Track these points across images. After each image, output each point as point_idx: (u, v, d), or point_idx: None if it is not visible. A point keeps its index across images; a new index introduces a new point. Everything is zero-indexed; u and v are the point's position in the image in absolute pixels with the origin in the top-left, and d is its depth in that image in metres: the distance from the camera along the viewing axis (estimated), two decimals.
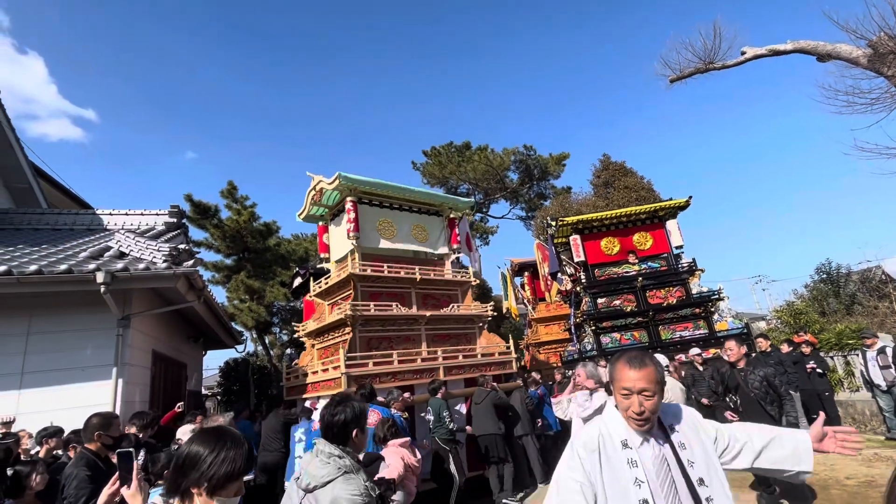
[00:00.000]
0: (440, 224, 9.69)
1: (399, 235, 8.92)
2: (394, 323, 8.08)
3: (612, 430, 1.72)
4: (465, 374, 8.07)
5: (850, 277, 19.65)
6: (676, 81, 7.23)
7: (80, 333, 5.96)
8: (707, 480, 1.60)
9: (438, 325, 8.68)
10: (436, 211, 9.69)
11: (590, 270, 11.03)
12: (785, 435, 1.71)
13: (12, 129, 8.96)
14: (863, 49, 5.47)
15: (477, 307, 9.19)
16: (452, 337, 8.84)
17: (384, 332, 7.97)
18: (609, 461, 1.64)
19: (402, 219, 9.11)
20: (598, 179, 23.79)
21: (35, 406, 5.45)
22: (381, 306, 7.92)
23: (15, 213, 8.87)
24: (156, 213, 9.68)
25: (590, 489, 1.60)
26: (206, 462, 1.39)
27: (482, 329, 9.28)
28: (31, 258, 6.08)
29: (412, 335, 8.32)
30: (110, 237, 7.81)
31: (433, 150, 27.59)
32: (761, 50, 6.39)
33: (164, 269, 5.94)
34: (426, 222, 9.46)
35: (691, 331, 10.32)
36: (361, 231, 8.29)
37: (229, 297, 17.57)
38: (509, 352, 9.02)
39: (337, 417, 2.04)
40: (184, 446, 1.48)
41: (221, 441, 1.45)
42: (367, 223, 8.54)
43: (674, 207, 11.19)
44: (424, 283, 8.74)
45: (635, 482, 1.58)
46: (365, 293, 8.01)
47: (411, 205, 9.30)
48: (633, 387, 1.66)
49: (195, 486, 1.39)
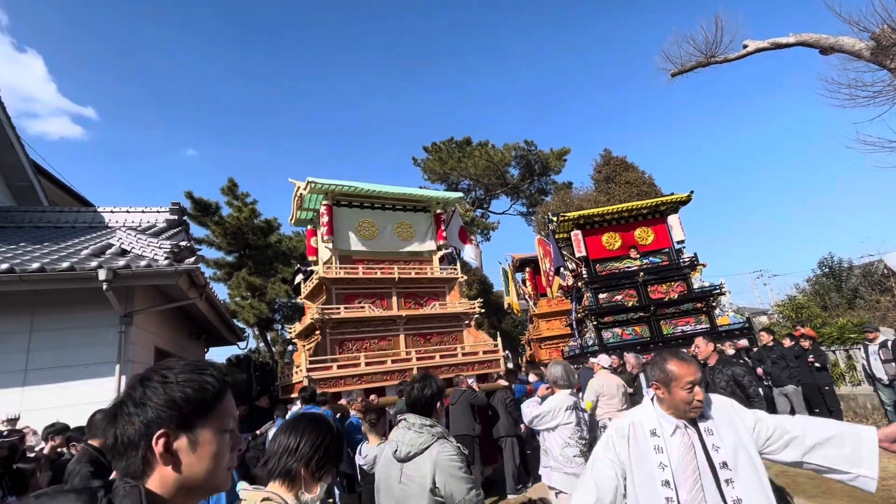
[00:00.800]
0: (427, 220, 9.57)
1: (381, 235, 8.87)
2: (369, 324, 8.04)
3: (643, 419, 1.93)
4: (445, 374, 7.79)
5: (853, 272, 19.62)
6: (678, 75, 7.19)
7: (82, 331, 5.98)
8: (731, 464, 1.73)
9: (420, 325, 8.57)
10: (422, 207, 9.58)
11: (591, 266, 11.02)
12: (849, 433, 1.67)
13: (13, 128, 8.96)
14: (866, 42, 5.43)
15: (464, 304, 8.99)
16: (436, 335, 8.71)
17: (358, 334, 7.95)
18: (637, 446, 1.86)
19: (384, 218, 9.04)
20: (599, 174, 23.75)
21: (39, 403, 5.47)
22: (353, 308, 7.93)
23: (17, 212, 8.88)
24: (157, 210, 9.68)
25: (619, 466, 1.85)
26: (316, 445, 1.55)
27: (469, 326, 9.06)
28: (33, 256, 6.09)
29: (390, 335, 8.25)
30: (112, 235, 7.83)
31: (434, 145, 27.56)
32: (763, 43, 6.35)
33: (166, 266, 5.95)
34: (412, 219, 9.36)
35: (693, 325, 10.31)
36: (340, 233, 8.34)
37: (231, 293, 17.61)
38: (496, 350, 8.72)
39: (424, 392, 2.30)
40: (288, 431, 1.60)
41: (326, 427, 1.62)
42: (346, 225, 8.54)
43: (675, 202, 11.16)
44: (406, 282, 8.65)
45: (659, 465, 1.78)
46: (339, 296, 8.03)
47: (394, 203, 9.21)
48: (695, 379, 1.83)
49: (305, 468, 1.52)
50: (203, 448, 0.89)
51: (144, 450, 0.85)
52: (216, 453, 0.91)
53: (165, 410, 0.86)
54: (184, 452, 0.87)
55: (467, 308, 8.98)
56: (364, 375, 7.37)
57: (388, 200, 9.14)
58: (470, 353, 8.54)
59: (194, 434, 0.89)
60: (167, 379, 0.90)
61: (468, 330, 9.08)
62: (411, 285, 8.77)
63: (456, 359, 8.27)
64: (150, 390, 0.88)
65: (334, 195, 8.49)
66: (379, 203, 9.05)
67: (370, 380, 7.40)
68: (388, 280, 8.44)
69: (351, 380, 7.23)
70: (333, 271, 8.00)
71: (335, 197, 8.52)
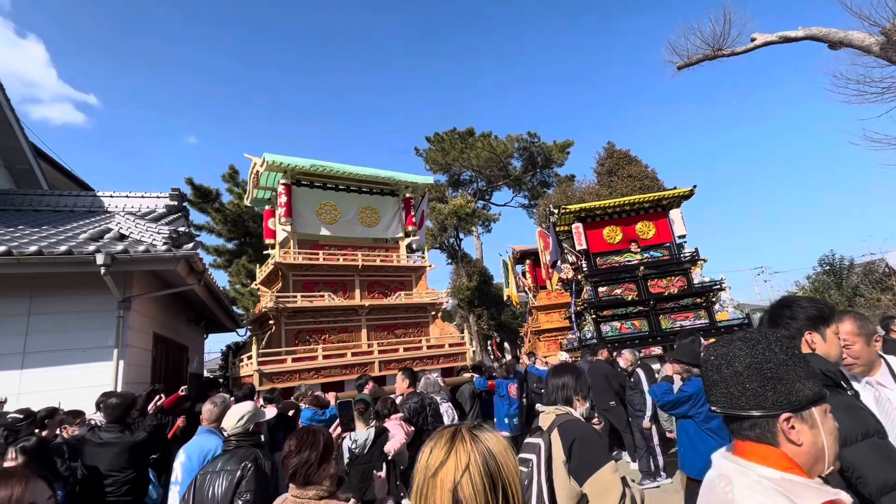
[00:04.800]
0: (395, 205, 9.03)
1: (343, 220, 8.35)
2: (328, 314, 7.57)
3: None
4: (409, 366, 7.34)
5: (854, 269, 19.55)
6: (684, 68, 7.11)
7: (80, 315, 5.98)
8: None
9: (383, 315, 8.14)
10: (391, 191, 9.02)
11: (591, 259, 10.99)
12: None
13: (12, 110, 8.89)
14: (875, 36, 5.34)
15: (430, 294, 8.58)
16: (401, 327, 8.29)
17: (316, 325, 7.46)
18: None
19: (348, 201, 8.49)
20: (601, 167, 23.61)
21: (36, 386, 5.49)
22: (312, 297, 7.41)
23: (16, 195, 8.84)
24: (156, 196, 9.63)
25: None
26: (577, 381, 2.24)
27: (435, 318, 8.69)
28: (31, 239, 6.07)
29: (350, 326, 7.77)
30: (111, 219, 7.80)
31: (436, 136, 27.38)
32: (772, 37, 6.26)
33: (164, 251, 5.93)
34: (379, 204, 8.82)
35: (692, 321, 10.31)
36: (299, 215, 7.81)
37: (231, 280, 17.64)
38: (462, 343, 8.42)
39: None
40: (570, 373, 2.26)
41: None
42: (306, 207, 8.00)
43: (677, 196, 11.10)
44: (370, 270, 8.17)
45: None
46: (297, 283, 7.55)
47: (360, 186, 8.63)
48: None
49: (578, 396, 2.17)
50: None
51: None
52: None
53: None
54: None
55: (434, 299, 8.58)
56: (322, 369, 6.88)
57: (352, 182, 8.53)
58: (435, 345, 8.13)
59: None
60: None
61: (435, 322, 8.67)
62: (376, 273, 8.31)
63: (420, 352, 7.83)
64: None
65: (294, 174, 7.93)
66: (343, 184, 8.45)
67: (328, 374, 6.91)
68: (351, 267, 7.95)
69: (307, 374, 6.71)
70: (291, 256, 7.48)
71: (295, 176, 7.97)
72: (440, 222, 23.68)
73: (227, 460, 2.37)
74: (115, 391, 5.11)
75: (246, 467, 2.30)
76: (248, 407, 2.63)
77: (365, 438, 3.91)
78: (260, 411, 2.69)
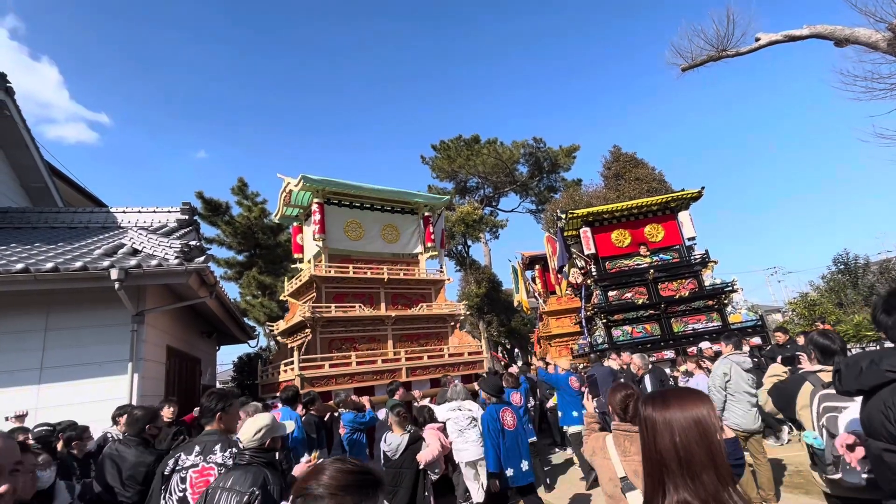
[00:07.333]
0: (414, 223, 9.59)
1: (367, 237, 8.89)
2: (358, 324, 8.05)
3: None
4: (432, 374, 7.99)
5: (869, 268, 19.25)
6: (688, 70, 7.09)
7: (96, 329, 6.06)
8: None
9: (407, 325, 8.62)
10: (410, 209, 9.59)
11: (600, 263, 10.94)
12: None
13: (28, 130, 9.10)
14: (882, 33, 5.30)
15: (449, 306, 9.11)
16: (423, 336, 8.77)
17: (347, 334, 7.96)
18: None
19: (371, 219, 9.04)
20: (608, 171, 23.56)
21: (54, 400, 5.56)
22: (344, 307, 7.89)
23: (32, 212, 9.02)
24: (168, 210, 9.77)
25: None
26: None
27: (454, 328, 9.20)
28: (47, 256, 6.19)
29: (378, 335, 8.27)
30: (124, 235, 7.92)
31: (442, 143, 27.50)
32: (776, 36, 6.23)
33: (176, 265, 6.01)
34: (399, 222, 9.39)
35: (704, 323, 10.19)
36: (329, 232, 8.28)
37: (242, 292, 17.77)
38: (480, 352, 8.96)
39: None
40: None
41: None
42: (335, 224, 8.51)
43: (686, 198, 11.03)
44: (394, 283, 8.69)
45: None
46: (329, 294, 8.02)
47: (383, 204, 9.21)
48: None
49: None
50: None
51: None
52: None
53: None
54: None
55: (453, 310, 9.09)
56: (355, 375, 7.36)
57: (377, 200, 9.15)
58: (455, 353, 8.63)
59: None
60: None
61: (454, 332, 9.18)
62: (399, 286, 8.84)
63: (443, 359, 8.34)
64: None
65: (326, 193, 8.46)
66: (368, 203, 9.05)
67: (361, 379, 7.39)
68: (377, 280, 8.49)
69: (342, 379, 7.20)
70: (322, 269, 7.98)
71: (326, 195, 8.48)
72: (448, 230, 23.72)
73: (238, 478, 2.26)
74: (136, 404, 5.16)
75: (254, 494, 2.18)
76: (267, 420, 2.50)
77: (398, 443, 4.00)
78: (279, 425, 2.56)
